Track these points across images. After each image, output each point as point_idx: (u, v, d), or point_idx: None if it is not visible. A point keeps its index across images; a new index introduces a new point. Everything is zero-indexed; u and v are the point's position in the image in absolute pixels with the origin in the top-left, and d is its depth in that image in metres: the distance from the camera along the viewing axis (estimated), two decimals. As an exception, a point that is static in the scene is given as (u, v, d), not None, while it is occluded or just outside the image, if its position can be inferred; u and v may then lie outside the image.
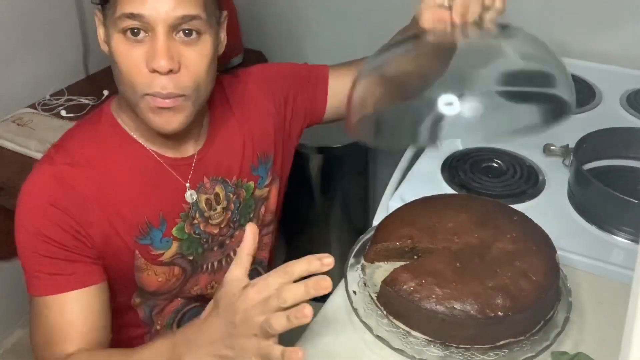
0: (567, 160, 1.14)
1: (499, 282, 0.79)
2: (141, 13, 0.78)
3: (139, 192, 0.90)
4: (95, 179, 0.87)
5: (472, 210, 0.91)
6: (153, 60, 0.79)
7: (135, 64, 0.81)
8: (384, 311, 0.83)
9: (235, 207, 0.99)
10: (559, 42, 1.59)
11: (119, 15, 0.79)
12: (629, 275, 0.49)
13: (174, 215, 0.93)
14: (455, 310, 0.77)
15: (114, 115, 0.92)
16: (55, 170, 0.86)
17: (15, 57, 1.74)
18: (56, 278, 0.85)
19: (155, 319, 0.99)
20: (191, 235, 0.95)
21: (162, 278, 0.94)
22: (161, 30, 0.79)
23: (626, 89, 1.40)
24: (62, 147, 0.89)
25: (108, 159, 0.89)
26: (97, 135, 0.91)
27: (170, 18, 0.79)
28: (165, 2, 0.78)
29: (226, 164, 0.98)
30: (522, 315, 0.78)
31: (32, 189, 0.86)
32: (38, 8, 1.76)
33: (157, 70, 0.80)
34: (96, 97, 1.78)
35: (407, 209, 0.95)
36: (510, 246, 0.85)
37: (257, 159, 1.01)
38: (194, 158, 0.94)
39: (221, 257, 1.01)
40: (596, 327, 0.85)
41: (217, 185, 0.97)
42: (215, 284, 1.01)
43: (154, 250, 0.92)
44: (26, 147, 1.55)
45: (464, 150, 1.20)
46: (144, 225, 0.90)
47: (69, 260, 0.85)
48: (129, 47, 0.81)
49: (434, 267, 0.82)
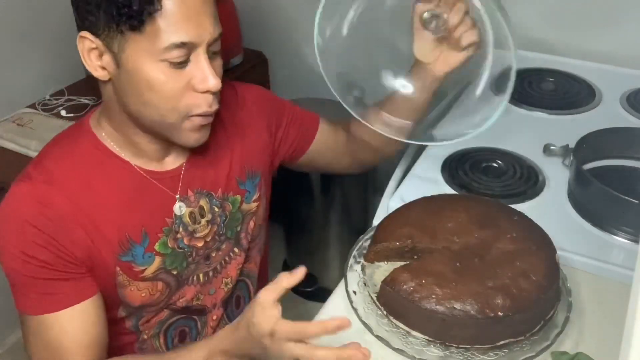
0: (567, 160, 1.13)
1: (499, 282, 0.79)
2: (191, 41, 0.78)
3: (120, 208, 0.88)
4: (74, 197, 0.85)
5: (472, 210, 0.91)
6: (205, 82, 0.81)
7: (181, 89, 0.81)
8: (384, 311, 0.83)
9: (222, 221, 0.99)
10: (559, 42, 1.59)
11: (167, 46, 0.77)
12: (629, 275, 0.49)
13: (157, 230, 0.91)
14: (455, 310, 0.77)
15: (93, 130, 0.90)
16: (33, 188, 0.85)
17: (15, 57, 1.74)
18: (51, 297, 0.84)
19: (142, 328, 0.98)
20: (175, 249, 0.94)
21: (146, 293, 0.93)
22: (204, 51, 0.80)
23: (626, 89, 1.40)
24: (40, 164, 0.88)
25: (87, 175, 0.87)
26: (76, 151, 0.89)
27: (212, 39, 0.80)
28: (208, 24, 0.79)
29: (211, 177, 0.97)
30: (522, 315, 0.78)
31: (10, 208, 0.85)
32: (38, 8, 1.76)
33: (209, 91, 0.82)
34: (96, 97, 1.78)
35: (407, 209, 0.95)
36: (510, 246, 0.85)
37: (244, 174, 1.01)
38: (182, 169, 0.94)
39: (207, 269, 1.00)
40: (596, 327, 0.85)
41: (201, 198, 0.96)
42: (202, 295, 1.01)
43: (136, 266, 0.90)
44: (26, 147, 1.55)
45: (464, 150, 1.20)
46: (126, 242, 0.89)
47: (60, 279, 0.85)
48: (174, 73, 0.80)
49: (434, 267, 0.82)
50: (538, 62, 1.53)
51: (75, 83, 1.88)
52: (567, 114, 1.33)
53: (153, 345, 1.01)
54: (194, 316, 1.02)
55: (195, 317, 1.02)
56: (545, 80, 1.45)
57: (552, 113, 1.34)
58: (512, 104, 1.37)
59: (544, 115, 1.33)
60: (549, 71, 1.48)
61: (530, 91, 1.41)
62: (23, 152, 1.55)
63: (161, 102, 0.81)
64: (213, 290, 1.02)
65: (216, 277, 1.01)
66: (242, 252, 1.04)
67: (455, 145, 1.19)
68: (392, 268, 0.84)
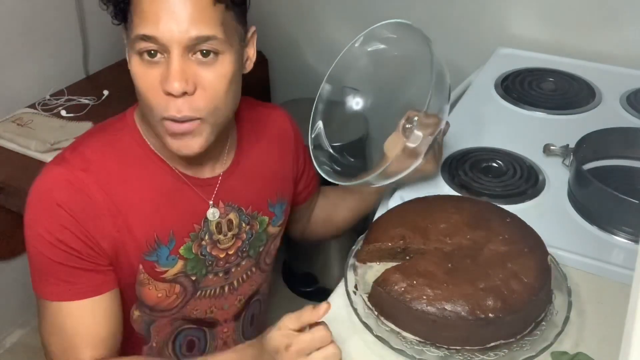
0: (567, 160, 1.13)
1: (490, 284, 0.79)
2: (155, 35, 0.77)
3: (153, 208, 0.88)
4: (109, 189, 0.85)
5: (465, 211, 0.91)
6: (166, 83, 0.78)
7: (152, 86, 0.80)
8: (375, 312, 0.83)
9: (247, 238, 0.99)
10: (559, 42, 1.59)
11: (135, 36, 0.78)
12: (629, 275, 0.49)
13: (184, 234, 0.92)
14: (446, 311, 0.77)
15: (137, 126, 0.90)
16: (69, 174, 0.84)
17: (15, 57, 1.74)
18: (72, 285, 0.84)
19: (153, 334, 0.98)
20: (198, 255, 0.94)
21: (162, 294, 0.93)
22: (176, 51, 0.78)
23: (626, 89, 1.40)
24: (79, 150, 0.87)
25: (126, 170, 0.87)
26: (117, 145, 0.89)
27: (185, 39, 0.77)
28: (179, 23, 0.77)
29: (245, 193, 0.97)
30: (513, 317, 0.77)
31: (43, 188, 0.84)
32: (38, 8, 1.76)
33: (171, 93, 0.79)
34: (96, 97, 1.78)
35: (400, 210, 0.95)
36: (502, 248, 0.84)
37: (275, 197, 1.02)
38: (219, 179, 0.94)
39: (224, 283, 1.00)
40: (596, 327, 0.85)
41: (231, 211, 0.96)
42: (215, 309, 1.01)
43: (158, 267, 0.91)
44: (26, 147, 1.55)
45: (464, 150, 1.20)
46: (152, 242, 0.89)
47: (84, 269, 0.84)
48: (145, 68, 0.80)
49: (425, 268, 0.82)
50: (538, 62, 1.53)
51: (75, 83, 1.88)
52: (567, 114, 1.33)
53: (161, 353, 1.01)
54: (204, 327, 1.02)
55: (205, 329, 1.03)
56: (545, 80, 1.45)
57: (552, 113, 1.34)
58: (512, 104, 1.37)
59: (544, 115, 1.33)
60: (549, 71, 1.48)
61: (530, 91, 1.41)
62: (23, 152, 1.55)
63: (142, 99, 0.82)
64: (227, 305, 1.02)
65: (232, 294, 1.02)
66: (260, 272, 1.05)
67: (455, 145, 1.19)
68: (384, 268, 0.84)
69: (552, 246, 0.90)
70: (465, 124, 1.28)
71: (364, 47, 0.99)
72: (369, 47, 1.00)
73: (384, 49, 0.99)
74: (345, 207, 1.17)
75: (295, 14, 2.04)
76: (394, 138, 0.99)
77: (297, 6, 2.03)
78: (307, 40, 2.09)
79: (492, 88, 1.43)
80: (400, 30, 0.96)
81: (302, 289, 2.12)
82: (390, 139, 0.99)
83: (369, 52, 1.00)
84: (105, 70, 1.96)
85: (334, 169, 1.00)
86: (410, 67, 0.99)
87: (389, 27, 0.96)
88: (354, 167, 1.04)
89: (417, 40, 0.90)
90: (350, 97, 1.08)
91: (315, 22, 2.04)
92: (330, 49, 2.04)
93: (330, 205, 1.19)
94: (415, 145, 0.92)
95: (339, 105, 1.07)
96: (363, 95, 1.07)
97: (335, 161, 1.03)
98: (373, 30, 0.97)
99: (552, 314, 0.83)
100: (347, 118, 1.09)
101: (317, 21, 2.03)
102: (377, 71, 1.04)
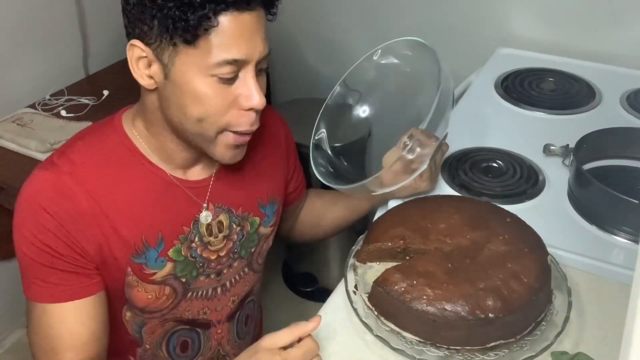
0: (567, 160, 1.13)
1: (490, 284, 0.79)
2: (242, 59, 0.78)
3: (141, 210, 0.88)
4: (95, 194, 0.85)
5: (464, 211, 0.91)
6: (250, 100, 0.81)
7: (227, 104, 0.81)
8: (375, 312, 0.83)
9: (238, 239, 0.99)
10: (559, 42, 1.59)
11: (219, 62, 0.77)
12: (629, 275, 0.49)
13: (173, 236, 0.92)
14: (445, 311, 0.77)
15: (125, 129, 0.90)
16: (55, 177, 0.84)
17: (15, 57, 1.74)
18: (56, 287, 0.85)
19: (145, 336, 0.98)
20: (187, 257, 0.94)
21: (152, 296, 0.93)
22: (252, 69, 0.80)
23: (626, 89, 1.40)
24: (66, 154, 0.87)
25: (113, 173, 0.87)
26: (104, 148, 0.88)
27: (261, 57, 0.80)
28: (259, 44, 0.79)
29: (235, 194, 0.97)
30: (513, 317, 0.77)
31: (28, 192, 0.85)
32: (38, 8, 1.76)
33: (253, 108, 0.81)
34: (96, 97, 1.78)
35: (400, 210, 0.95)
36: (502, 248, 0.84)
37: (266, 198, 1.02)
38: (211, 181, 0.94)
39: (216, 285, 1.00)
40: (596, 327, 0.85)
41: (221, 213, 0.96)
42: (208, 310, 1.01)
43: (147, 269, 0.90)
44: (26, 147, 1.55)
45: (464, 150, 1.20)
46: (141, 244, 0.89)
47: (68, 272, 0.85)
48: (221, 89, 0.80)
49: (425, 268, 0.82)
50: (538, 62, 1.54)
51: (75, 83, 1.88)
52: (567, 114, 1.33)
53: (155, 355, 1.01)
54: (198, 329, 1.02)
55: (198, 330, 1.03)
56: (545, 80, 1.45)
57: (552, 113, 1.34)
58: (512, 104, 1.37)
59: (544, 115, 1.34)
60: (549, 71, 1.48)
61: (530, 91, 1.41)
62: (23, 152, 1.55)
63: (204, 116, 0.81)
64: (220, 306, 1.02)
65: (224, 295, 1.02)
66: (253, 273, 1.05)
67: (456, 145, 1.19)
68: (384, 268, 0.84)
69: (552, 246, 0.90)
70: (465, 124, 1.28)
71: (379, 60, 1.02)
72: (383, 60, 1.02)
73: (397, 64, 1.01)
74: (336, 212, 1.18)
75: (295, 14, 2.04)
76: (394, 151, 1.00)
77: (297, 6, 2.03)
78: (307, 40, 2.09)
79: (492, 88, 1.43)
80: (415, 48, 0.97)
81: (302, 289, 2.12)
82: (390, 152, 1.00)
83: (382, 64, 1.02)
84: (105, 70, 1.96)
85: (329, 172, 1.01)
86: (418, 85, 1.00)
87: (406, 43, 0.98)
88: (351, 174, 1.05)
89: (430, 59, 0.91)
90: (358, 106, 1.09)
91: (316, 22, 2.04)
92: (330, 49, 2.05)
93: (322, 207, 1.20)
94: (411, 158, 0.93)
95: (345, 111, 1.08)
96: (370, 105, 1.09)
97: (332, 164, 1.04)
98: (390, 45, 1.00)
99: (552, 314, 0.83)
100: (351, 124, 1.10)
101: (317, 21, 2.03)
102: (386, 85, 1.06)
